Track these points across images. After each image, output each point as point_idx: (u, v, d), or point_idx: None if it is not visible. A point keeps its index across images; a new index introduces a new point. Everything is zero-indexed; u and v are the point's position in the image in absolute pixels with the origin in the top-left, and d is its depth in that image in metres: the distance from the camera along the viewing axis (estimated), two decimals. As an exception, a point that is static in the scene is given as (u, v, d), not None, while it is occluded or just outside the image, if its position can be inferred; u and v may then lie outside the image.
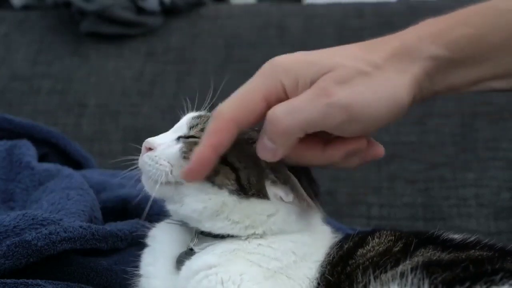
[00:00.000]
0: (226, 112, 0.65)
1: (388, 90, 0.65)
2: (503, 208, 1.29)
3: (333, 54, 0.67)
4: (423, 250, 0.64)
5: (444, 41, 0.68)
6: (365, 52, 0.69)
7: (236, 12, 1.70)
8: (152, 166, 0.69)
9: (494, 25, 0.68)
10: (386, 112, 0.64)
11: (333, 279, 0.65)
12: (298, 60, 0.66)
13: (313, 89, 0.63)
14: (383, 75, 0.65)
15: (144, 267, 0.73)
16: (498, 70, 0.68)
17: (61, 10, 1.69)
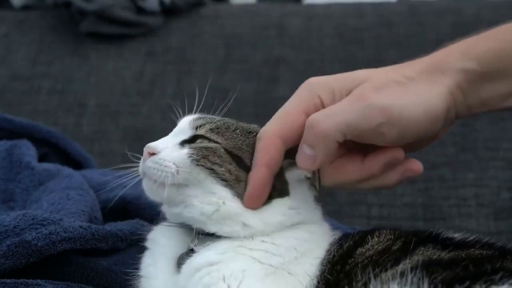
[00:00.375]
0: (270, 130, 0.67)
1: (423, 96, 0.66)
2: (503, 208, 1.29)
3: (366, 71, 0.70)
4: (422, 249, 0.64)
5: (471, 55, 0.70)
6: (397, 68, 0.71)
7: (236, 12, 1.70)
8: (157, 169, 0.68)
9: None
10: (423, 117, 0.65)
11: (332, 278, 0.65)
12: (334, 77, 0.69)
13: (350, 96, 0.66)
14: (417, 85, 0.67)
15: (144, 267, 0.72)
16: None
17: (61, 10, 1.69)
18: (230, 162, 0.67)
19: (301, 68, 1.54)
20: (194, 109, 0.76)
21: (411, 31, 1.54)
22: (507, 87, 0.69)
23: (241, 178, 0.67)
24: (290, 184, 0.70)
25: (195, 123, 0.71)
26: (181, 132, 0.72)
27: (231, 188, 0.67)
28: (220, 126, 0.70)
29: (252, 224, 0.68)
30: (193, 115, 0.74)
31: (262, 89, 1.52)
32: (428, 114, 0.66)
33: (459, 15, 1.53)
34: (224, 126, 0.70)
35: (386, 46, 1.52)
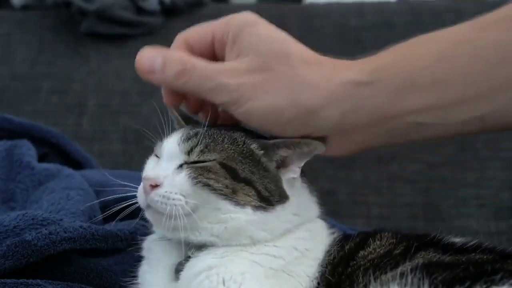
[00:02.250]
0: (182, 33, 0.72)
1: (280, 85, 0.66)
2: (503, 208, 1.29)
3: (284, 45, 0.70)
4: (423, 253, 0.64)
5: (363, 67, 0.68)
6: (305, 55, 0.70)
7: (236, 12, 1.69)
8: (165, 203, 0.65)
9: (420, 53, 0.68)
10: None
11: (334, 279, 0.65)
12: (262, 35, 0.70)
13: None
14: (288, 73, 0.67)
15: (141, 275, 0.72)
16: (424, 103, 0.65)
17: (61, 10, 1.69)
18: (225, 177, 0.66)
19: (301, 68, 1.53)
20: None
21: (411, 31, 1.52)
22: (405, 104, 0.66)
23: (237, 189, 0.67)
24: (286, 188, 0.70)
25: (184, 148, 0.68)
26: (173, 156, 0.69)
27: (231, 200, 0.66)
28: (209, 143, 0.68)
29: (259, 237, 0.67)
30: (175, 136, 0.70)
31: (262, 89, 1.51)
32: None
33: (459, 15, 1.53)
34: (212, 140, 0.68)
35: (386, 46, 1.52)
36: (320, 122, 0.66)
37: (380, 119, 0.66)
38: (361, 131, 0.68)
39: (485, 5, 1.54)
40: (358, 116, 0.66)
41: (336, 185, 1.36)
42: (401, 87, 0.65)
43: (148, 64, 0.69)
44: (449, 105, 0.65)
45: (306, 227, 0.71)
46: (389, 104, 0.66)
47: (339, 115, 0.66)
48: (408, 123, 0.66)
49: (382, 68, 0.67)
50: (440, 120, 0.66)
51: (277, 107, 0.66)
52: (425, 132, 0.68)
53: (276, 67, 0.66)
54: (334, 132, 0.68)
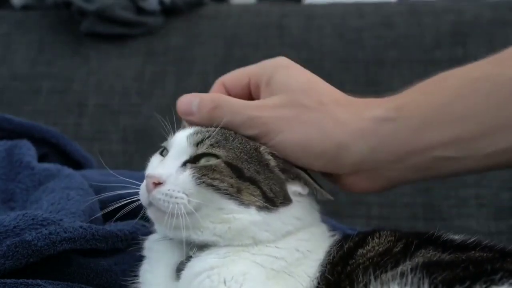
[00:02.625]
0: (220, 78, 0.77)
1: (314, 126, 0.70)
2: (503, 208, 1.29)
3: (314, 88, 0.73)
4: (423, 251, 0.64)
5: (391, 104, 0.71)
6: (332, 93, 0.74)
7: (236, 12, 1.70)
8: (167, 202, 0.65)
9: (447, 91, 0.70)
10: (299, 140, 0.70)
11: (333, 278, 0.65)
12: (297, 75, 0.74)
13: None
14: (319, 114, 0.70)
15: (142, 274, 0.72)
16: (446, 137, 0.68)
17: (61, 10, 1.69)
18: (231, 176, 0.66)
19: (301, 68, 1.53)
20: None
21: (411, 31, 1.54)
22: (428, 139, 0.69)
23: (242, 188, 0.67)
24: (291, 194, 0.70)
25: (194, 139, 0.69)
26: (181, 151, 0.69)
27: (236, 199, 0.66)
28: (220, 139, 0.68)
29: (262, 237, 0.67)
30: (187, 130, 0.71)
31: (262, 89, 1.52)
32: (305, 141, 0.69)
33: (459, 15, 1.53)
34: (223, 138, 0.69)
35: (386, 46, 1.52)
36: (348, 157, 0.70)
37: (406, 154, 0.69)
38: (388, 167, 0.71)
39: (485, 5, 1.55)
40: (385, 151, 0.70)
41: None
42: (424, 123, 0.69)
43: (186, 107, 0.72)
44: (472, 139, 0.68)
45: (308, 230, 0.71)
46: (413, 139, 0.69)
47: (367, 150, 0.69)
48: (434, 157, 0.69)
49: (405, 105, 0.70)
50: (464, 153, 0.68)
51: (307, 140, 0.69)
52: (453, 166, 0.70)
53: (307, 104, 0.70)
54: (362, 167, 0.71)
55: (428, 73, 1.57)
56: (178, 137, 0.70)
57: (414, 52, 1.50)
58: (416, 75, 1.46)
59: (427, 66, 1.48)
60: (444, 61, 1.47)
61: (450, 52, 1.48)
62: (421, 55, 1.50)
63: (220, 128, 0.70)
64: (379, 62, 1.51)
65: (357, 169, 0.71)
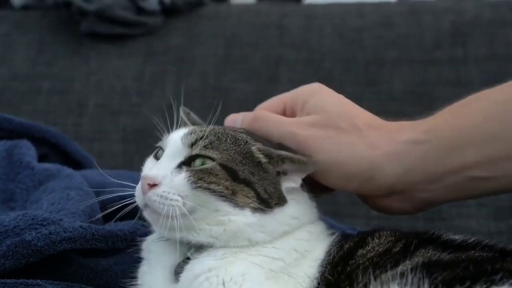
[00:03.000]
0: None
1: (348, 148, 0.72)
2: (503, 208, 1.29)
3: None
4: (423, 251, 0.64)
5: (422, 128, 0.73)
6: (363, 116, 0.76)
7: (236, 12, 1.70)
8: (162, 203, 0.65)
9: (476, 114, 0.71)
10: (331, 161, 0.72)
11: (333, 279, 0.65)
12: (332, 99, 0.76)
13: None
14: (353, 136, 0.72)
15: (141, 276, 0.72)
16: (478, 157, 0.69)
17: (61, 10, 1.69)
18: (226, 178, 0.66)
19: (301, 68, 1.54)
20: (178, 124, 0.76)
21: (411, 31, 1.54)
22: (460, 158, 0.70)
23: (237, 190, 0.67)
24: (285, 193, 0.70)
25: (187, 140, 0.69)
26: (175, 152, 0.69)
27: (230, 201, 0.66)
28: (213, 140, 0.68)
29: (257, 239, 0.68)
30: (181, 130, 0.71)
31: (262, 89, 1.52)
32: (340, 164, 0.71)
33: (459, 15, 1.53)
34: (216, 139, 0.69)
35: (386, 46, 1.52)
36: (382, 178, 0.71)
37: (439, 174, 0.71)
38: (422, 188, 0.72)
39: (485, 5, 1.55)
40: (418, 172, 0.71)
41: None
42: (454, 144, 0.70)
43: (232, 122, 0.78)
44: (506, 158, 0.69)
45: (306, 229, 0.71)
46: (444, 160, 0.70)
47: (400, 172, 0.71)
48: (466, 177, 0.70)
49: (436, 127, 0.72)
50: (499, 173, 0.69)
51: (343, 160, 0.71)
52: (488, 186, 0.71)
53: (342, 126, 0.72)
54: (396, 188, 0.72)
55: (428, 73, 1.57)
56: (173, 138, 0.70)
57: (414, 52, 1.50)
58: (416, 75, 1.48)
59: (427, 66, 1.48)
60: (444, 61, 1.47)
61: (450, 52, 1.48)
62: (421, 55, 1.50)
63: (213, 128, 0.70)
64: (379, 62, 1.51)
65: (391, 191, 0.73)
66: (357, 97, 0.76)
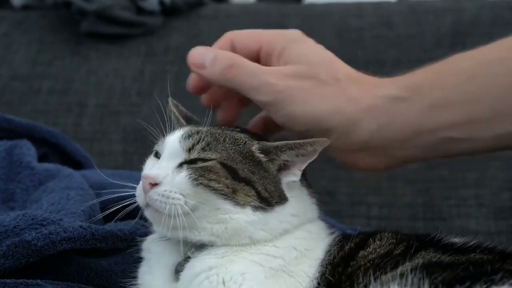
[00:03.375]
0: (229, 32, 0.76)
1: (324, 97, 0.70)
2: (503, 208, 1.29)
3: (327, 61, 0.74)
4: (423, 253, 0.64)
5: (401, 83, 0.72)
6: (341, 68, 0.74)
7: (236, 12, 1.69)
8: (164, 202, 0.65)
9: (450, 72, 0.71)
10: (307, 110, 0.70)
11: (334, 279, 0.66)
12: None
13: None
14: (331, 88, 0.71)
15: (141, 276, 0.72)
16: (456, 118, 0.68)
17: (61, 10, 1.69)
18: (226, 177, 0.67)
19: (301, 68, 1.53)
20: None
21: (411, 31, 1.54)
22: (437, 118, 0.69)
23: (237, 189, 0.67)
24: (286, 190, 0.70)
25: (185, 144, 0.69)
26: (174, 154, 0.69)
27: (231, 200, 0.66)
28: (210, 141, 0.68)
29: (258, 237, 0.68)
30: (178, 133, 0.71)
31: (262, 89, 1.51)
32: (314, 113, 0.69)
33: (459, 15, 1.53)
34: (213, 139, 0.69)
35: (386, 46, 1.52)
36: (358, 133, 0.70)
37: (414, 133, 0.70)
38: (395, 145, 0.71)
39: (485, 5, 1.55)
40: (394, 129, 0.70)
41: (336, 185, 1.35)
42: (434, 103, 0.69)
43: (199, 58, 0.73)
44: (482, 121, 0.68)
45: (305, 227, 0.71)
46: (423, 119, 0.69)
47: (376, 128, 0.70)
48: (442, 138, 0.70)
49: (417, 85, 0.70)
50: (473, 135, 0.69)
51: (321, 113, 0.69)
52: (461, 147, 0.70)
53: (323, 78, 0.70)
54: (370, 144, 0.71)
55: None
56: (170, 141, 0.70)
57: (414, 52, 1.50)
58: (416, 75, 1.47)
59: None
60: (444, 61, 1.47)
61: (450, 52, 1.46)
62: (421, 55, 1.50)
63: (208, 129, 0.70)
64: (379, 62, 1.51)
65: (365, 146, 0.71)
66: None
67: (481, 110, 0.67)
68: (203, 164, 0.67)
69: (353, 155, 0.73)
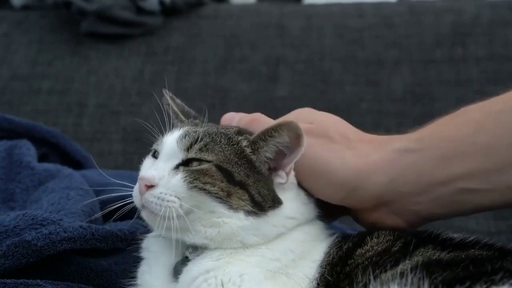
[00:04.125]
0: None
1: (336, 156, 0.72)
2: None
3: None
4: (422, 250, 0.64)
5: (414, 137, 0.73)
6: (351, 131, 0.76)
7: (236, 12, 1.69)
8: (159, 205, 0.66)
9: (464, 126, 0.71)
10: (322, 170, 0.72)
11: (332, 279, 0.65)
12: None
13: None
14: (342, 147, 0.72)
15: (140, 275, 0.72)
16: (468, 169, 0.68)
17: (61, 10, 1.69)
18: (221, 180, 0.67)
19: (301, 68, 1.54)
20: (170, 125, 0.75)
21: (411, 31, 1.54)
22: (448, 170, 0.69)
23: (232, 192, 0.67)
24: (279, 191, 0.69)
25: (183, 144, 0.69)
26: (171, 154, 0.69)
27: (225, 203, 0.67)
28: (208, 142, 0.68)
29: (250, 242, 0.68)
30: (176, 133, 0.71)
31: (262, 88, 1.52)
32: (329, 172, 0.71)
33: (459, 15, 1.53)
34: (211, 140, 0.69)
35: (386, 46, 1.52)
36: (369, 188, 0.71)
37: (428, 184, 0.70)
38: (410, 200, 0.71)
39: (485, 5, 1.55)
40: (406, 182, 0.70)
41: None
42: (445, 154, 0.69)
43: (229, 118, 0.78)
44: (496, 170, 0.68)
45: (303, 229, 0.71)
46: (434, 170, 0.69)
47: (388, 181, 0.70)
48: (456, 189, 0.69)
49: (427, 136, 0.71)
50: (489, 186, 0.68)
51: (330, 168, 0.71)
52: (478, 200, 0.70)
53: (332, 136, 0.72)
54: (383, 199, 0.71)
55: (428, 73, 1.57)
56: (168, 141, 0.70)
57: (414, 52, 1.50)
58: (416, 75, 1.47)
59: (427, 66, 1.48)
60: (444, 61, 1.47)
61: (450, 52, 1.48)
62: (421, 55, 1.50)
63: (206, 129, 0.70)
64: (379, 62, 1.51)
65: (378, 202, 0.72)
66: (357, 97, 0.77)
67: (493, 160, 0.68)
68: (199, 167, 0.67)
69: (373, 215, 0.73)
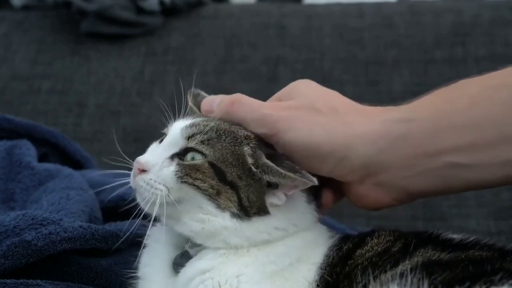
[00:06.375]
0: None
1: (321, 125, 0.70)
2: (503, 208, 1.29)
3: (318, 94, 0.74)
4: (422, 250, 0.64)
5: (406, 109, 0.71)
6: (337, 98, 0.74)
7: (236, 12, 1.69)
8: (147, 190, 0.67)
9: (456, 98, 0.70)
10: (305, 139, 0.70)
11: (332, 279, 0.65)
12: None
13: None
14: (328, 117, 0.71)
15: (141, 268, 0.73)
16: (458, 143, 0.67)
17: (61, 10, 1.69)
18: (212, 177, 0.67)
19: (301, 68, 1.54)
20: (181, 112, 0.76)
21: (411, 31, 1.54)
22: (439, 144, 0.68)
23: (221, 192, 0.67)
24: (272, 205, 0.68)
25: (186, 132, 0.69)
26: (172, 142, 0.70)
27: (213, 201, 0.67)
28: (212, 137, 0.68)
29: (233, 242, 0.67)
30: (185, 121, 0.72)
31: (262, 89, 1.51)
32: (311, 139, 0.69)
33: (459, 15, 1.53)
34: (216, 136, 0.69)
35: (386, 46, 1.52)
36: (355, 158, 0.69)
37: (416, 157, 0.68)
38: (397, 173, 0.69)
39: (485, 5, 1.55)
40: (394, 154, 0.69)
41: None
42: (438, 126, 0.68)
43: (208, 105, 0.76)
44: (486, 146, 0.66)
45: (300, 236, 0.70)
46: (423, 142, 0.68)
47: (374, 152, 0.69)
48: (443, 163, 0.68)
49: (421, 108, 0.70)
50: (478, 161, 0.67)
51: (314, 139, 0.69)
52: (466, 176, 0.68)
53: (319, 107, 0.70)
54: (370, 170, 0.70)
55: (428, 73, 1.57)
56: (174, 127, 0.71)
57: (414, 52, 1.50)
58: (416, 75, 1.47)
59: (427, 66, 1.48)
60: (444, 61, 1.47)
61: (450, 52, 1.48)
62: (421, 55, 1.50)
63: (217, 124, 0.70)
64: (379, 62, 1.51)
65: (365, 173, 0.70)
66: (357, 97, 0.76)
67: (485, 135, 0.66)
68: (192, 162, 0.67)
69: (358, 188, 0.72)
